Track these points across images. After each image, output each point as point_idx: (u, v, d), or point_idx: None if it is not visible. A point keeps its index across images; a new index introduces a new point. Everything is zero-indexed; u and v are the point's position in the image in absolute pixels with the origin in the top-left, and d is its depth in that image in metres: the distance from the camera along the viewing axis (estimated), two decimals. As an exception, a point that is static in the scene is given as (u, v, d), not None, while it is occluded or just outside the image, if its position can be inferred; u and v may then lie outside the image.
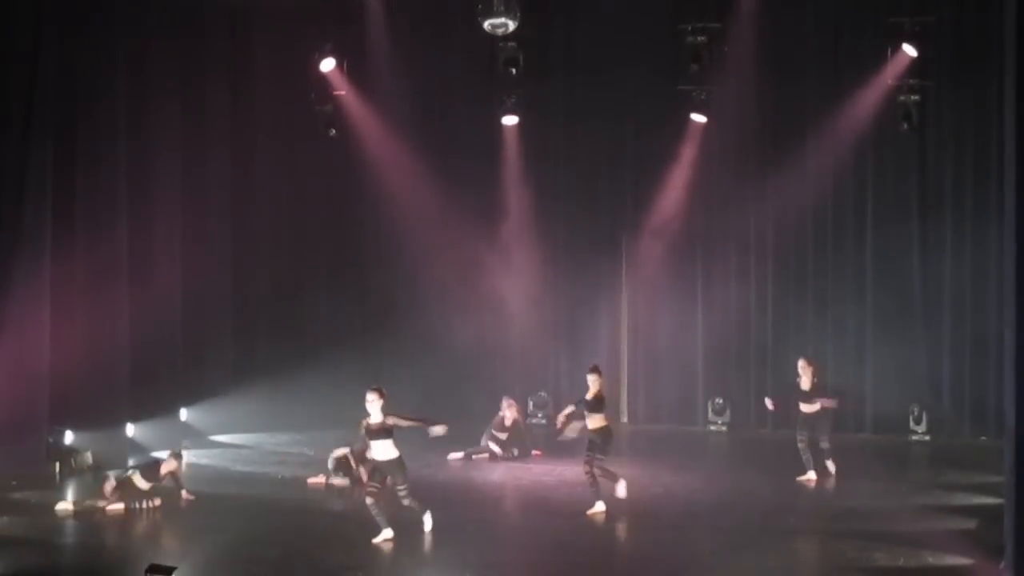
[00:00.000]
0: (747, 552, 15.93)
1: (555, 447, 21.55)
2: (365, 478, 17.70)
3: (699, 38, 23.84)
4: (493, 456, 22.01)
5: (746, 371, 24.73)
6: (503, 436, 22.27)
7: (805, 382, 20.25)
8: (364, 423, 16.18)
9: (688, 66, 24.07)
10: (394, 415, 16.18)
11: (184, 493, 18.67)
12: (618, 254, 25.74)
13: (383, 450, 16.20)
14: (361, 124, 25.91)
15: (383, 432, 16.08)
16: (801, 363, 20.31)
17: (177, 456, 19.07)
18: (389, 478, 16.38)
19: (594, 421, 18.08)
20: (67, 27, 20.98)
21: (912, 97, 23.34)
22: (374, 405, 16.06)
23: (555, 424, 18.94)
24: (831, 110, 23.95)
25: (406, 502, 16.48)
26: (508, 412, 22.44)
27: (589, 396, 18.08)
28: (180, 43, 23.98)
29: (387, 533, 16.26)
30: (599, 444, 18.07)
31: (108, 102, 21.93)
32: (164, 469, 18.66)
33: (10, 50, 20.39)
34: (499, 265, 25.71)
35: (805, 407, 20.25)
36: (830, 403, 20.35)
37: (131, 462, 20.10)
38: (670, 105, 24.67)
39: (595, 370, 18.25)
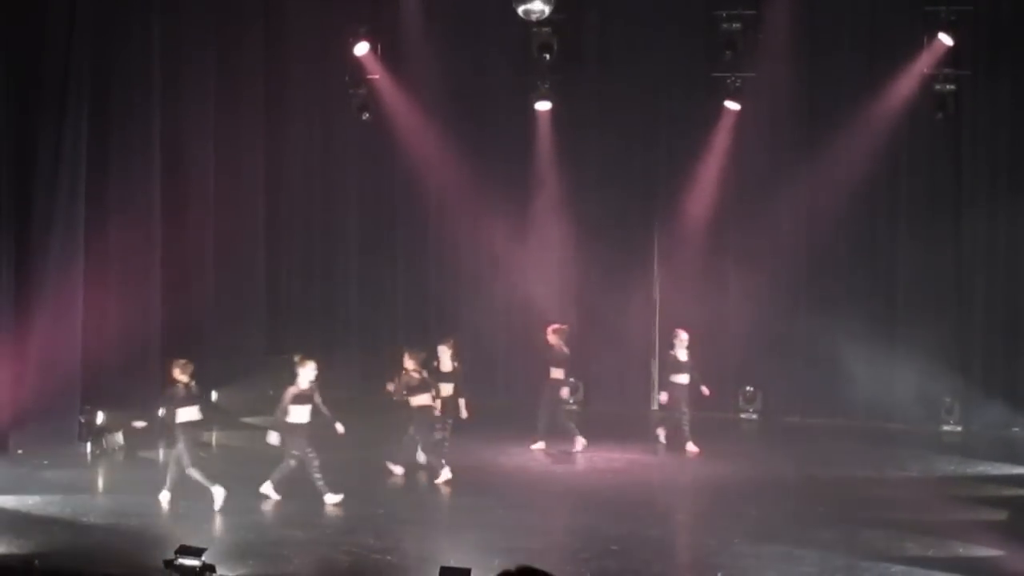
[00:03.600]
0: (777, 540, 15.93)
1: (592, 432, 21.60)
2: None
3: (734, 25, 23.79)
4: None
5: (777, 359, 24.66)
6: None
7: (682, 353, 20.67)
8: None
9: (722, 53, 23.99)
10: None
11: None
12: (651, 241, 25.68)
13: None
14: (394, 108, 25.94)
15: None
16: (683, 335, 21.37)
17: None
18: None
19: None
20: (101, 10, 21.05)
21: (948, 87, 23.20)
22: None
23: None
24: (866, 98, 23.83)
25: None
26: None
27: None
28: (214, 27, 24.07)
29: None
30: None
31: (142, 81, 22.03)
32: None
33: (45, 32, 20.45)
34: (531, 250, 25.69)
35: (677, 378, 21.07)
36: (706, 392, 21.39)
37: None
38: (704, 92, 24.61)
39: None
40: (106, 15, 21.18)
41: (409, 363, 19.09)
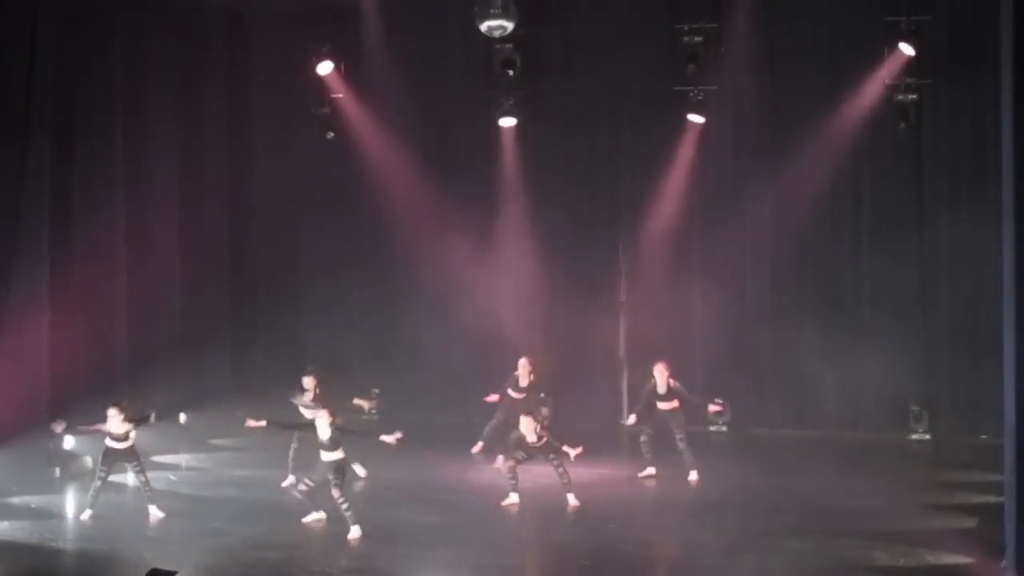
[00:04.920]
0: (747, 552, 15.96)
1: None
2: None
3: (695, 38, 23.86)
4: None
5: (745, 371, 24.70)
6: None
7: (661, 385, 20.62)
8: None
9: (685, 66, 24.07)
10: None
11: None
12: (616, 255, 25.66)
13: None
14: (358, 127, 25.92)
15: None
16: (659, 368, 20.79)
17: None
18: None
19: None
20: (63, 34, 20.99)
21: (909, 96, 23.31)
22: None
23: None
24: (828, 109, 23.90)
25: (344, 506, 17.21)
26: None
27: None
28: (176, 49, 24.09)
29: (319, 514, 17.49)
30: None
31: (105, 104, 22.02)
32: None
33: (6, 57, 20.37)
34: (496, 267, 25.69)
35: (663, 405, 20.71)
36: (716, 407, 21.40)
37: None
38: (667, 106, 24.64)
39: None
40: (68, 39, 21.12)
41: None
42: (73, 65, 21.41)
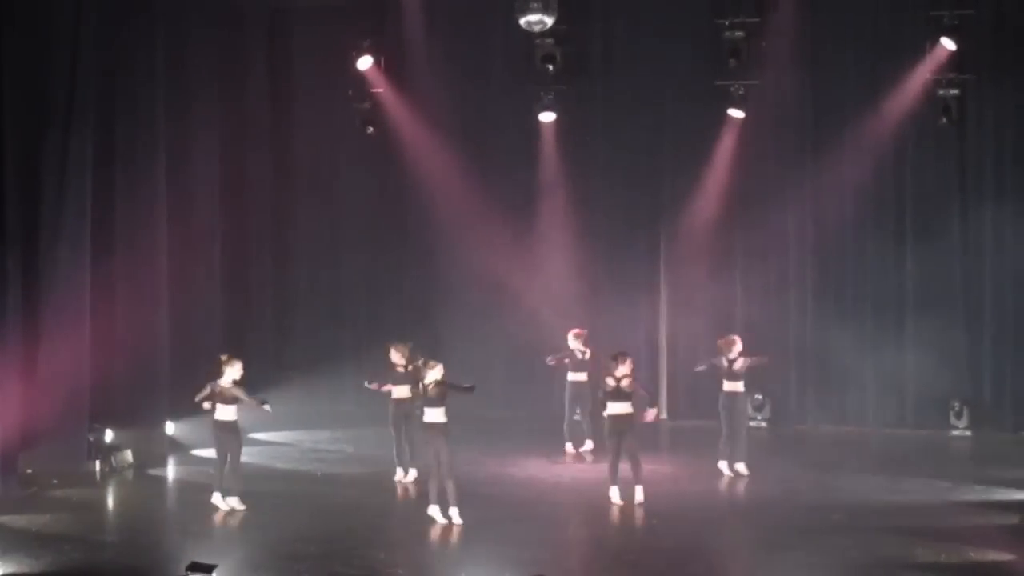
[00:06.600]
0: (788, 548, 15.91)
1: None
2: None
3: (737, 33, 23.82)
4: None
5: (786, 368, 24.63)
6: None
7: (733, 354, 20.33)
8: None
9: (726, 61, 24.03)
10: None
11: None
12: (656, 249, 25.66)
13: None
14: (399, 121, 25.96)
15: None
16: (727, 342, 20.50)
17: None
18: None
19: None
20: (106, 26, 21.06)
21: (951, 91, 23.23)
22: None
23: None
24: (870, 104, 23.85)
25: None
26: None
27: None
28: (219, 42, 24.20)
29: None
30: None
31: (147, 101, 22.06)
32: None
33: (50, 48, 20.45)
34: (537, 261, 25.68)
35: (728, 386, 20.37)
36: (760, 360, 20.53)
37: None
38: (708, 100, 24.59)
39: None
40: (110, 32, 21.19)
41: (620, 370, 18.82)
42: (115, 59, 21.47)
